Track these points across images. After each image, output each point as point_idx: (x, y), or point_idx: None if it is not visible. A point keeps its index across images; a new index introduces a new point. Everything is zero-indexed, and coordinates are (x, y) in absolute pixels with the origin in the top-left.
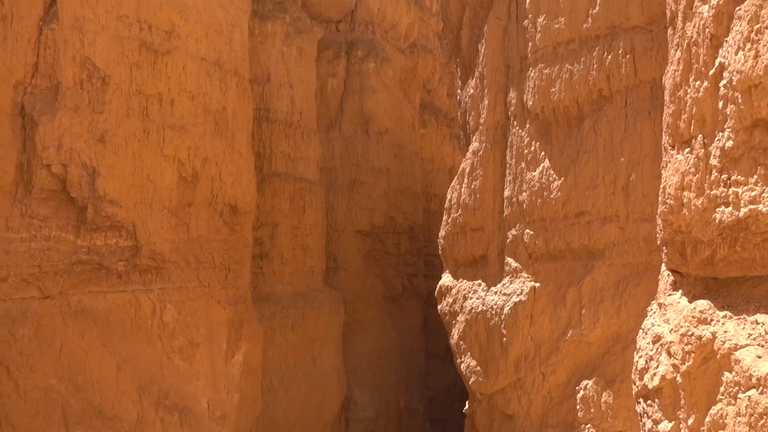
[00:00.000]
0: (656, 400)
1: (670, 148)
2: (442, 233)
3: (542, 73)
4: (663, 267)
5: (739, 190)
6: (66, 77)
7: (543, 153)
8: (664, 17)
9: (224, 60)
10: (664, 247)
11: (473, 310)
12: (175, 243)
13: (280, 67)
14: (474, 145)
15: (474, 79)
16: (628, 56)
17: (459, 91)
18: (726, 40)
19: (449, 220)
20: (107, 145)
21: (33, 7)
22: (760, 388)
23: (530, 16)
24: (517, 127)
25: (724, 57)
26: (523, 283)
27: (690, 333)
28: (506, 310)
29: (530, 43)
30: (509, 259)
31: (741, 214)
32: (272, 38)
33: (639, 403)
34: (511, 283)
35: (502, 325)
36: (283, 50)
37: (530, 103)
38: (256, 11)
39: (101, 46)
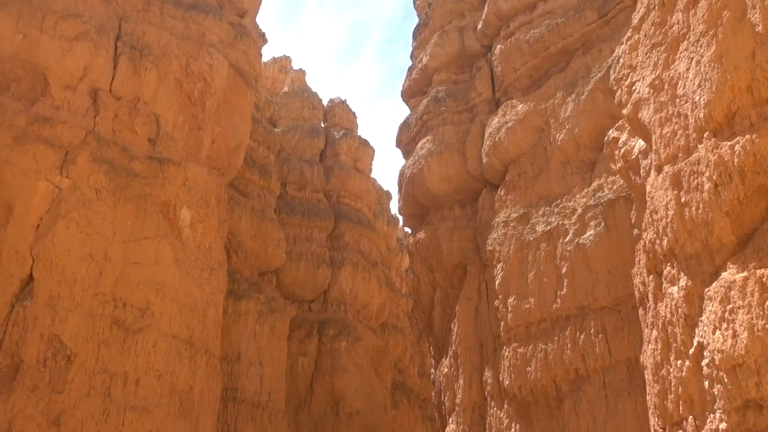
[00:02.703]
0: None
1: (660, 429)
2: None
3: (516, 353)
4: None
5: None
6: (29, 355)
7: None
8: (631, 298)
9: (196, 338)
10: None
11: None
12: None
13: (252, 345)
14: (451, 426)
15: (448, 359)
16: (600, 336)
17: (433, 370)
18: (701, 320)
19: None
20: (62, 428)
21: (9, 285)
22: None
23: (500, 296)
24: (495, 408)
25: (701, 336)
26: None
27: None
28: None
29: (502, 323)
30: None
31: None
32: (245, 317)
33: None
34: None
35: None
36: (255, 329)
37: (507, 382)
38: (231, 290)
39: (72, 324)
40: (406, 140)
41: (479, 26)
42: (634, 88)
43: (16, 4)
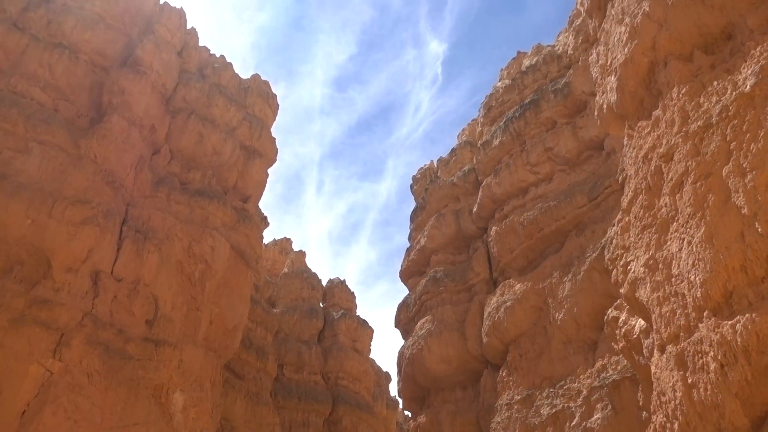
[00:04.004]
0: None
1: None
2: None
3: None
4: None
5: None
6: None
7: None
8: None
9: None
10: None
11: None
12: None
13: None
14: None
15: None
16: None
17: None
18: None
19: None
20: None
21: None
22: None
23: None
24: None
25: None
26: None
27: None
28: None
29: None
30: None
31: None
32: None
33: None
34: None
35: None
36: None
37: None
38: None
39: None
40: (405, 320)
41: (474, 209)
42: (629, 267)
43: (28, 192)
